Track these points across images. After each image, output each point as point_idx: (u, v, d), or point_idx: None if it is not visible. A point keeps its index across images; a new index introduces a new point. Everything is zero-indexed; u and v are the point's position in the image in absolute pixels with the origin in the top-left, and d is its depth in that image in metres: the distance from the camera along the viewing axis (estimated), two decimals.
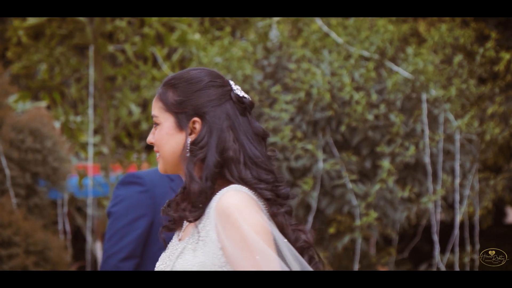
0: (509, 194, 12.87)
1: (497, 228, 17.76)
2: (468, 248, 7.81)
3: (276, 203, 2.14)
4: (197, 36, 7.46)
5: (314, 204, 6.95)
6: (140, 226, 3.28)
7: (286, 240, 2.09)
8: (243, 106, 2.22)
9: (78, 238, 11.65)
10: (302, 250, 2.15)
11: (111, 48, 7.65)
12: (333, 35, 7.52)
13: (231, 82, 2.26)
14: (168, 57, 8.37)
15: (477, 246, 7.80)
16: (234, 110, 2.20)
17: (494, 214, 18.39)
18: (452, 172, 7.69)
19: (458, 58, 7.69)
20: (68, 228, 8.48)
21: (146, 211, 3.30)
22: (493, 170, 15.88)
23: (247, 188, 2.12)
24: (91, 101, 7.48)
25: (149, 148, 8.92)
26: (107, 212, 3.37)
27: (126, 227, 3.27)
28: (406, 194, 6.82)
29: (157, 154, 2.26)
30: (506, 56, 11.06)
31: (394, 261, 8.29)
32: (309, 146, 6.84)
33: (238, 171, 2.13)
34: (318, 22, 7.65)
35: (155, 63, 8.05)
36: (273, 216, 2.13)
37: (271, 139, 6.85)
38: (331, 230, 7.12)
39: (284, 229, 2.13)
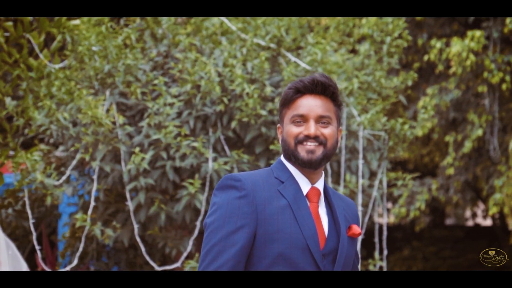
0: (445, 194, 13.09)
1: (438, 231, 18.11)
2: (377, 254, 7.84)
3: None
4: (77, 21, 7.35)
5: (202, 208, 6.92)
6: (239, 240, 2.96)
7: None
8: None
9: None
10: None
11: None
12: (226, 20, 7.49)
13: None
14: (46, 44, 8.25)
15: (385, 252, 7.86)
16: None
17: (433, 216, 18.75)
18: (364, 171, 7.75)
19: (364, 47, 7.74)
20: None
21: (246, 220, 2.98)
22: (429, 168, 16.19)
23: None
24: None
25: (26, 145, 8.79)
26: (203, 224, 3.08)
27: (223, 241, 2.95)
28: None
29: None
30: (437, 44, 11.31)
31: None
32: (196, 144, 6.81)
33: None
34: None
35: (31, 51, 7.90)
36: None
37: (154, 136, 6.81)
38: None
39: None
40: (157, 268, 7.14)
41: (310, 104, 3.10)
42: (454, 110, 12.01)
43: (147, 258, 7.17)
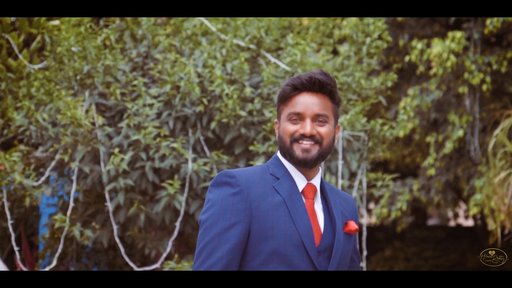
0: (426, 194, 13.20)
1: (419, 231, 18.22)
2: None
3: None
4: (56, 22, 7.40)
5: (181, 208, 6.98)
6: (233, 237, 2.96)
7: None
8: None
9: None
10: None
11: None
12: (206, 21, 7.55)
13: None
14: (26, 45, 8.28)
15: (365, 253, 7.95)
16: None
17: (415, 216, 18.87)
18: (343, 172, 7.82)
19: (344, 48, 7.82)
20: None
21: (240, 217, 2.97)
22: (411, 168, 16.31)
23: None
24: None
25: (6, 146, 8.81)
26: (198, 220, 3.07)
27: (217, 238, 2.95)
28: None
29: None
30: (418, 45, 11.40)
31: None
32: (175, 145, 6.87)
33: None
34: None
35: (11, 52, 7.94)
36: None
37: (133, 137, 6.86)
38: None
39: None
40: (137, 269, 7.19)
41: (307, 102, 3.08)
42: (435, 111, 12.10)
43: (127, 259, 7.22)
